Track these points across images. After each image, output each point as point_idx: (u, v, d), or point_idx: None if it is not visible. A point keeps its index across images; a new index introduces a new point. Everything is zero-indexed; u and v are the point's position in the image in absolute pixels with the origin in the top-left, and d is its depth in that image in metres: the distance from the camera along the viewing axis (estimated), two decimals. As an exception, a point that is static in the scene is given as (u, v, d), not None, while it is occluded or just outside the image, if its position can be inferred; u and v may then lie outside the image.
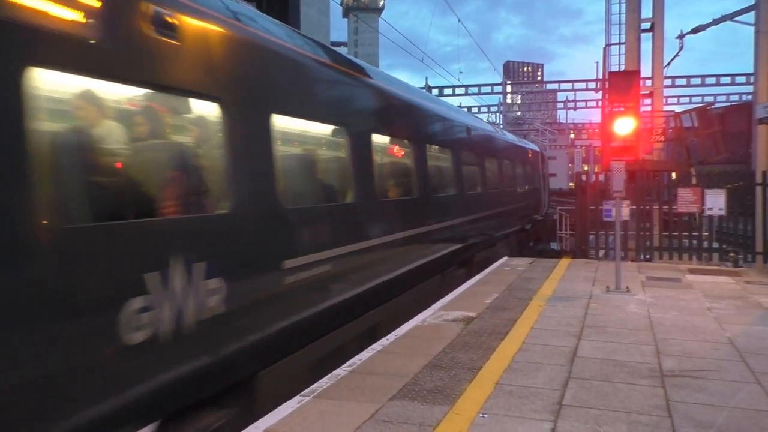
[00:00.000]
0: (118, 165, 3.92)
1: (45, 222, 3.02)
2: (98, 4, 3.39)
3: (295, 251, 5.23)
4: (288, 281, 5.04)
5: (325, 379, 5.29)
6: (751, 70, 14.79)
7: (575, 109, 48.85)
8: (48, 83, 3.17)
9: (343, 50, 9.04)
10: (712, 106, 27.44)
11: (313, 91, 6.19)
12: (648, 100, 18.28)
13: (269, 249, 4.92)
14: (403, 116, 9.01)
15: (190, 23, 4.15)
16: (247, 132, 4.78)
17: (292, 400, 4.80)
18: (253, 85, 4.92)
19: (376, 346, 6.33)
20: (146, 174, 4.00)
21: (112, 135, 3.84)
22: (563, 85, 45.25)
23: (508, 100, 56.81)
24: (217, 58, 4.47)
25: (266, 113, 5.08)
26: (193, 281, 3.88)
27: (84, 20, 3.29)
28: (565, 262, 13.16)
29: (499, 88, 44.64)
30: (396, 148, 9.20)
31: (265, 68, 5.18)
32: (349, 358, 5.94)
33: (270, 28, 5.52)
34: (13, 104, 2.89)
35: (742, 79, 36.73)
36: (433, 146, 10.36)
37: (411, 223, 8.53)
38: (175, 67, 3.98)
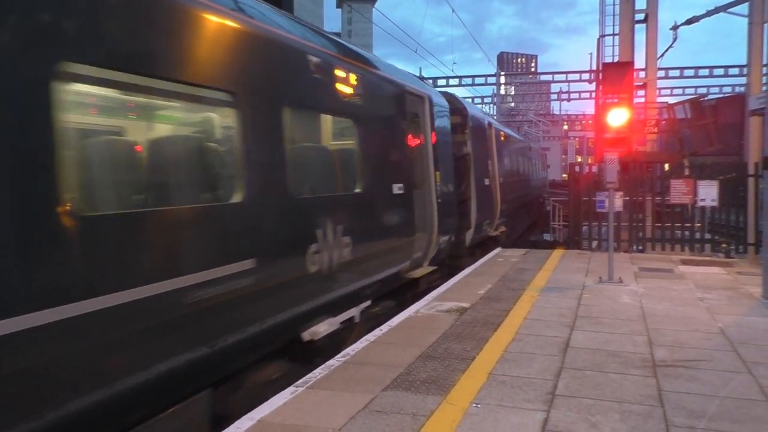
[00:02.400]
0: None
1: None
2: None
3: None
4: None
5: (318, 370, 5.29)
6: (745, 62, 14.83)
7: (569, 100, 48.83)
8: None
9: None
10: (706, 98, 27.47)
11: None
12: (641, 92, 18.26)
13: None
14: None
15: None
16: None
17: (285, 390, 4.81)
18: None
19: (370, 337, 6.34)
20: None
21: None
22: (557, 77, 45.11)
23: (502, 92, 56.74)
24: None
25: None
26: None
27: None
28: (558, 253, 13.20)
29: (493, 79, 44.46)
30: None
31: None
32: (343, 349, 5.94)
33: None
34: None
35: (736, 71, 36.74)
36: None
37: None
38: None
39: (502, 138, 17.71)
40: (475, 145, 13.05)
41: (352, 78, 6.99)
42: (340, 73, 6.67)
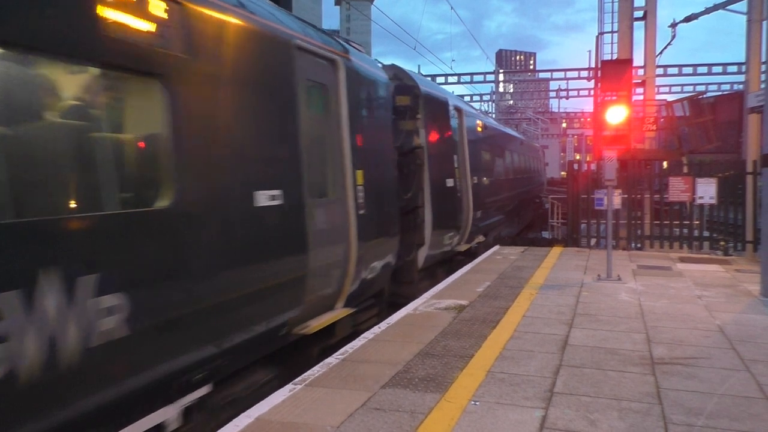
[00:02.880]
0: None
1: None
2: None
3: None
4: None
5: (317, 367, 5.29)
6: (743, 60, 14.84)
7: (567, 98, 48.90)
8: None
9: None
10: (704, 96, 27.51)
11: None
12: (640, 89, 18.27)
13: None
14: None
15: None
16: None
17: (284, 388, 4.80)
18: None
19: (368, 335, 6.33)
20: None
21: None
22: (555, 74, 45.32)
23: (501, 89, 56.72)
24: None
25: None
26: None
27: None
28: (556, 250, 13.20)
29: (491, 77, 44.45)
30: None
31: None
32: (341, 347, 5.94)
33: None
34: None
35: (734, 69, 36.78)
36: None
37: None
38: None
39: (480, 128, 14.20)
40: (433, 136, 10.22)
41: (154, 6, 3.98)
42: None
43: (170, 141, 4.04)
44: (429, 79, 23.11)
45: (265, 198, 5.01)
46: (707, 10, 19.74)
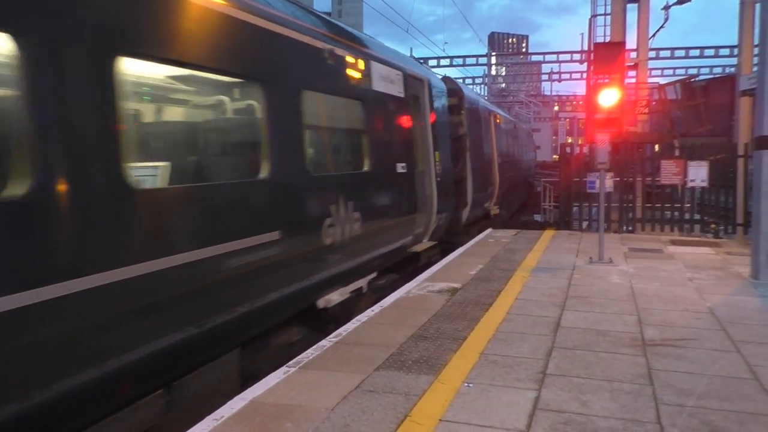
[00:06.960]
0: None
1: None
2: None
3: None
4: None
5: (311, 350, 5.30)
6: (735, 43, 14.84)
7: (560, 81, 48.93)
8: None
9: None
10: (696, 79, 27.51)
11: None
12: (633, 72, 18.26)
13: None
14: None
15: None
16: None
17: (278, 371, 4.81)
18: None
19: (362, 317, 6.35)
20: None
21: None
22: (548, 57, 45.03)
23: (493, 72, 56.52)
24: None
25: None
26: None
27: None
28: (548, 233, 13.24)
29: (484, 60, 44.20)
30: None
31: None
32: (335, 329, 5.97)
33: None
34: None
35: (726, 52, 36.75)
36: None
37: None
38: None
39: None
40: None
41: None
42: None
43: None
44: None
45: None
46: (700, -7, 19.69)
